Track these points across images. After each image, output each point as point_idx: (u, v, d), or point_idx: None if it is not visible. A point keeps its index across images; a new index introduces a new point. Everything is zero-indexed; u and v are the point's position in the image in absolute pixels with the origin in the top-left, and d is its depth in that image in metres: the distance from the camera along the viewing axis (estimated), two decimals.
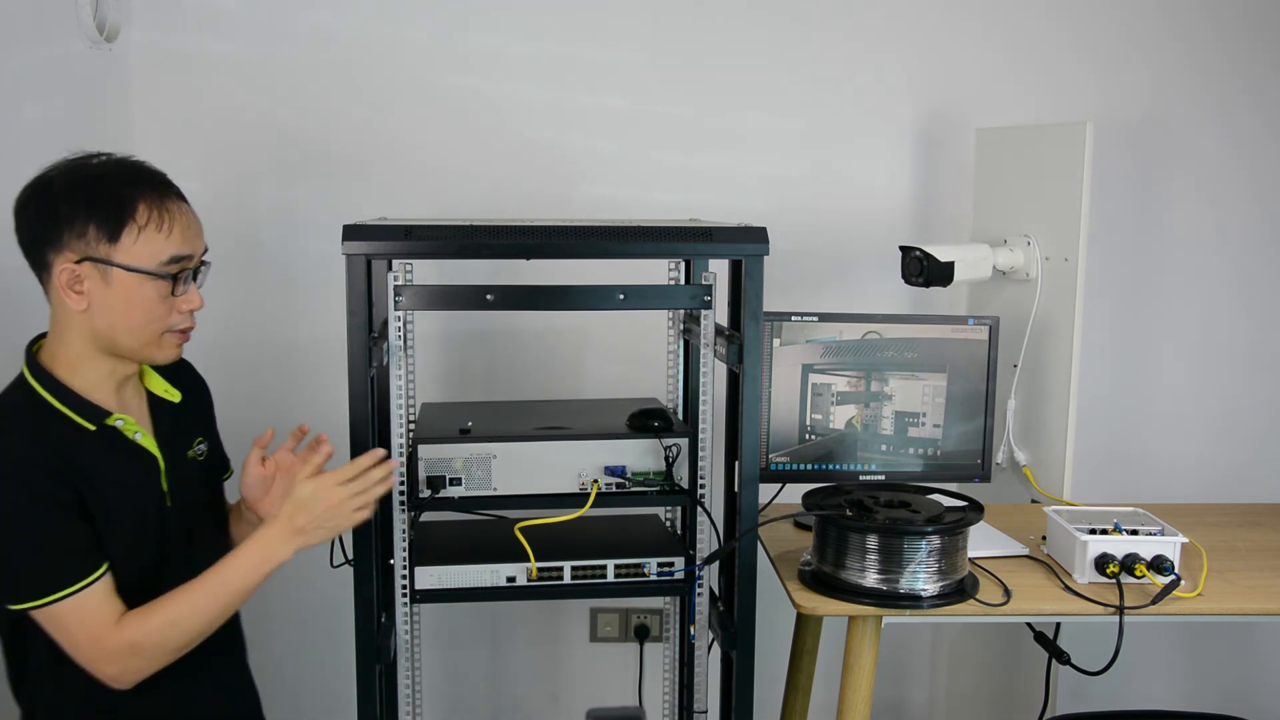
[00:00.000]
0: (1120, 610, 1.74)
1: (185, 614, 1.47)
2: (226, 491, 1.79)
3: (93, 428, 1.49)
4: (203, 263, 1.53)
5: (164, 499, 1.57)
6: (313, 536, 1.53)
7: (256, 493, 1.70)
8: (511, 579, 1.79)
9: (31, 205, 1.46)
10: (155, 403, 1.61)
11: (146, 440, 1.55)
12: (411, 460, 1.74)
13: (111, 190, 1.44)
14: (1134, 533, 1.88)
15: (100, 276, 1.44)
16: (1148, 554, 1.81)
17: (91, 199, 1.43)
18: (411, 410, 1.95)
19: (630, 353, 2.52)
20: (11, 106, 2.00)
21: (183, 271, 1.48)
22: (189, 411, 1.66)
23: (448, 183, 2.50)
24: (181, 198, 1.51)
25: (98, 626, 1.43)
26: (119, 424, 1.52)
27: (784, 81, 2.54)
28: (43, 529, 1.41)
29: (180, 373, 1.67)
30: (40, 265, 1.46)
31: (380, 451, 1.60)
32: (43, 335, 1.53)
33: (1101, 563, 1.81)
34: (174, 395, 1.62)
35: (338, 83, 2.45)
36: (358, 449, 1.65)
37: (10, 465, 1.41)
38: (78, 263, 1.43)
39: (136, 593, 1.49)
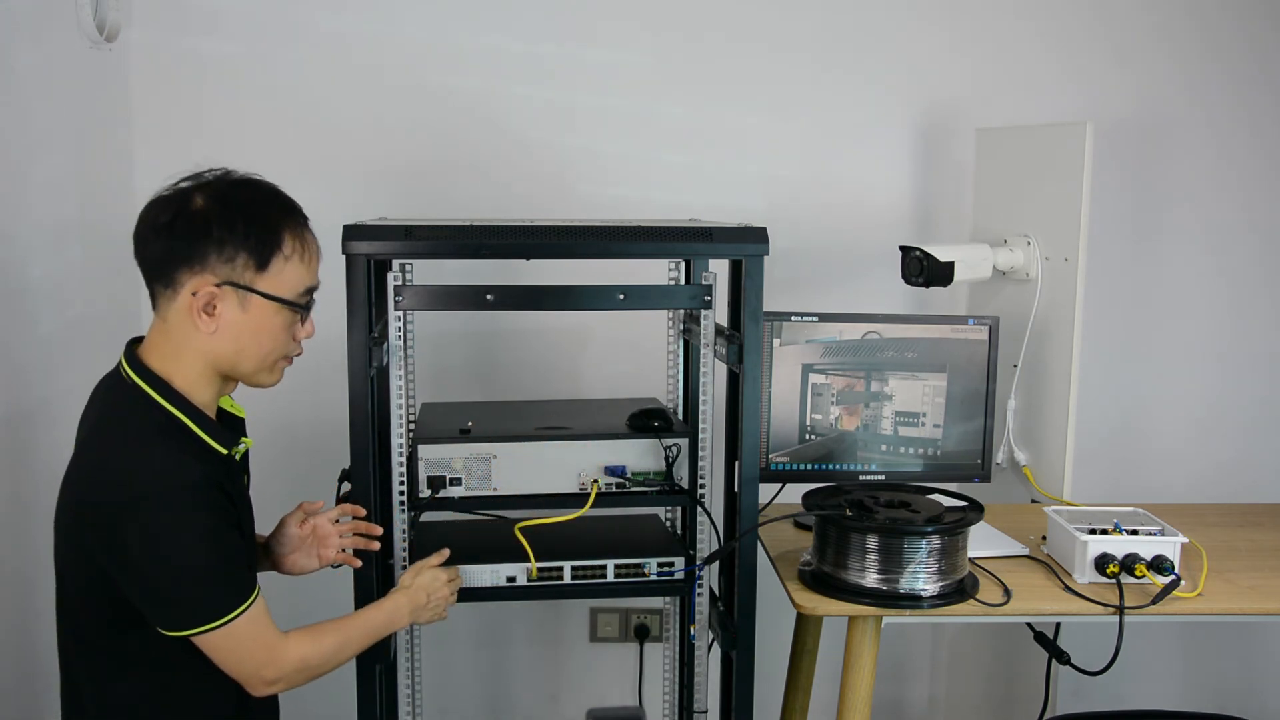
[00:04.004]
0: (1120, 610, 1.74)
1: (344, 645, 1.55)
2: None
3: (225, 451, 1.46)
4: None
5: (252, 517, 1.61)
6: (420, 616, 1.67)
7: (285, 549, 1.71)
8: (511, 579, 1.79)
9: (178, 224, 1.40)
10: (227, 419, 1.58)
11: (241, 459, 1.56)
12: (411, 460, 1.74)
13: (263, 218, 1.43)
14: (1134, 533, 1.88)
15: (238, 302, 1.41)
16: (1148, 554, 1.81)
17: (247, 225, 1.41)
18: (411, 410, 1.95)
19: (630, 353, 2.51)
20: (11, 106, 2.00)
21: (310, 302, 1.49)
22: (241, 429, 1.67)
23: (448, 183, 2.50)
24: (308, 226, 1.50)
25: (271, 638, 1.45)
26: (241, 446, 1.52)
27: (784, 81, 2.54)
28: (220, 552, 1.40)
29: None
30: (167, 282, 1.41)
31: (445, 552, 1.73)
32: (136, 341, 1.49)
33: (1101, 563, 1.81)
34: (240, 411, 1.61)
35: (337, 82, 2.45)
36: (358, 449, 1.65)
37: (192, 488, 1.37)
38: (217, 286, 1.40)
39: None
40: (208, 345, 1.43)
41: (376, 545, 1.71)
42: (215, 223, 1.40)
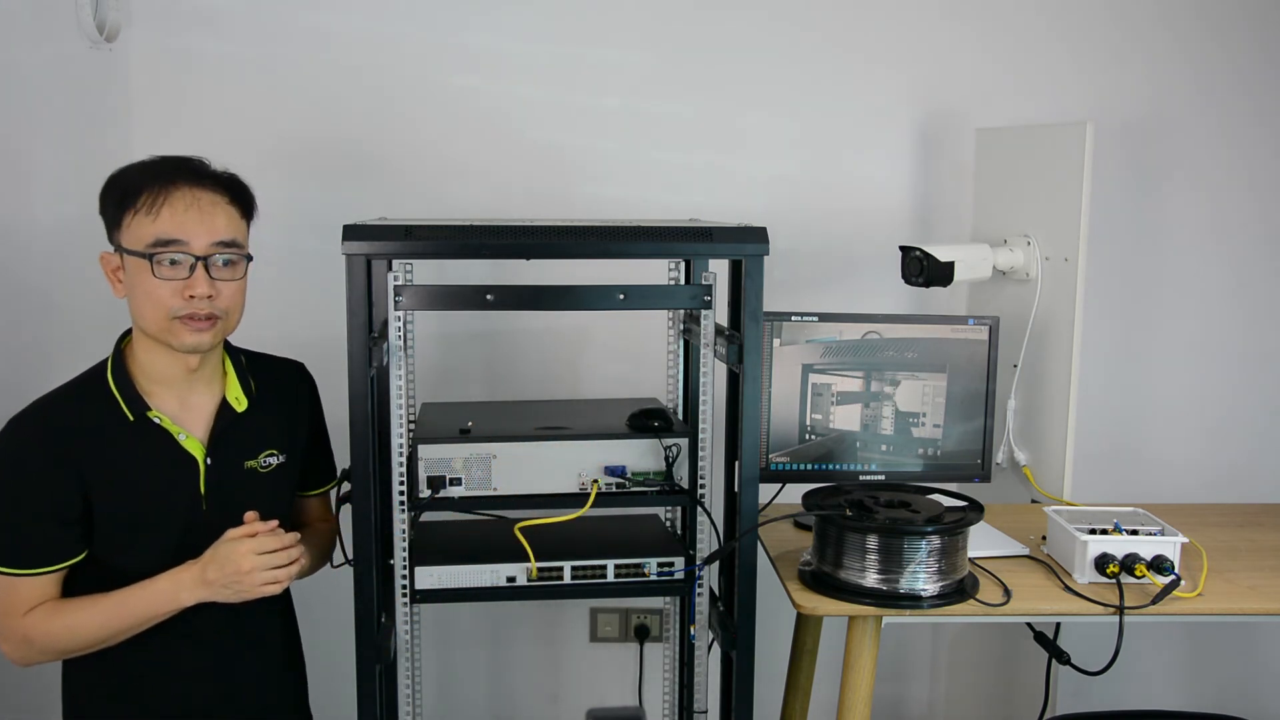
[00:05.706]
0: (1120, 610, 1.74)
1: (84, 626, 1.54)
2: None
3: (131, 418, 1.57)
4: (222, 256, 1.56)
5: (200, 502, 1.61)
6: (218, 594, 1.55)
7: None
8: (511, 579, 1.79)
9: None
10: (222, 408, 1.65)
11: (190, 442, 1.60)
12: (411, 460, 1.74)
13: (127, 180, 1.54)
14: (1134, 533, 1.88)
15: (121, 262, 1.55)
16: (1148, 554, 1.81)
17: (113, 190, 1.55)
18: (411, 410, 1.95)
19: (630, 353, 2.51)
20: (12, 106, 2.00)
21: (170, 256, 1.52)
22: (259, 422, 1.69)
23: (448, 183, 2.50)
24: (202, 186, 1.56)
25: (13, 606, 1.54)
26: (156, 420, 1.58)
27: (784, 81, 2.54)
28: (21, 512, 1.53)
29: (273, 383, 1.72)
30: None
31: (296, 535, 1.62)
32: None
33: (1101, 563, 1.81)
34: (240, 404, 1.66)
35: (338, 83, 2.45)
36: (358, 449, 1.65)
37: (39, 441, 1.52)
38: (110, 253, 1.56)
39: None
40: (129, 310, 1.57)
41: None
42: (101, 196, 1.57)
